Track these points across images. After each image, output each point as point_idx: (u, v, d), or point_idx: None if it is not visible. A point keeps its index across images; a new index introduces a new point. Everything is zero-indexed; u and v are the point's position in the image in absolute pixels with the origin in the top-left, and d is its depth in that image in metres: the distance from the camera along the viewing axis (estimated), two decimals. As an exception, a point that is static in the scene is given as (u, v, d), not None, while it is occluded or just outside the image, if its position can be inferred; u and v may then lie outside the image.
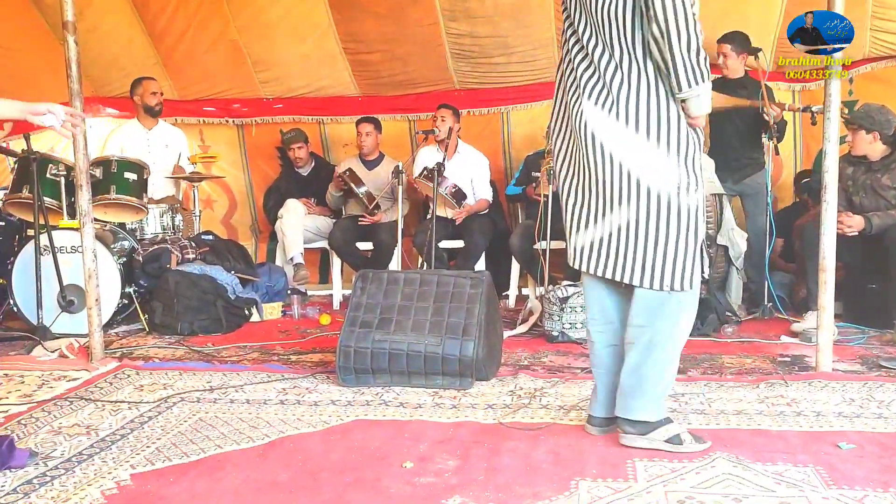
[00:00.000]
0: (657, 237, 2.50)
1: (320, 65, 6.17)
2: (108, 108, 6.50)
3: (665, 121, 2.45)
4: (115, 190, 4.94)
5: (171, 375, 3.71)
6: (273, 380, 3.59)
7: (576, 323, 4.28)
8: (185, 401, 3.28)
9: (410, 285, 3.65)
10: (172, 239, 5.13)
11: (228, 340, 4.55)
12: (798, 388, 3.30)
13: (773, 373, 3.57)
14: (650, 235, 2.51)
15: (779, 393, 3.24)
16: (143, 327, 4.82)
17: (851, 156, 4.62)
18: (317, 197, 6.18)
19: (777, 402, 3.11)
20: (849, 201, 4.58)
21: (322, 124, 6.56)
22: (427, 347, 3.40)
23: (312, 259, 6.41)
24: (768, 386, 3.34)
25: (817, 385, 3.34)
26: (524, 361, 3.93)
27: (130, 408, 3.19)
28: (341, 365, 3.46)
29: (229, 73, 6.30)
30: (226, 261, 5.17)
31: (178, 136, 5.92)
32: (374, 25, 5.80)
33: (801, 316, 4.62)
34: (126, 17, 5.90)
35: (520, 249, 5.41)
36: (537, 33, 5.71)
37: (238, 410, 3.16)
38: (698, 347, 4.12)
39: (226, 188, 6.74)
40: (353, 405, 3.20)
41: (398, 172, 5.13)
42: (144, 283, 4.93)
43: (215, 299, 4.81)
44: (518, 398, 3.26)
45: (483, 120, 6.26)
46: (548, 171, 4.87)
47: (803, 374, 3.53)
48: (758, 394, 3.24)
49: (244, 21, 5.93)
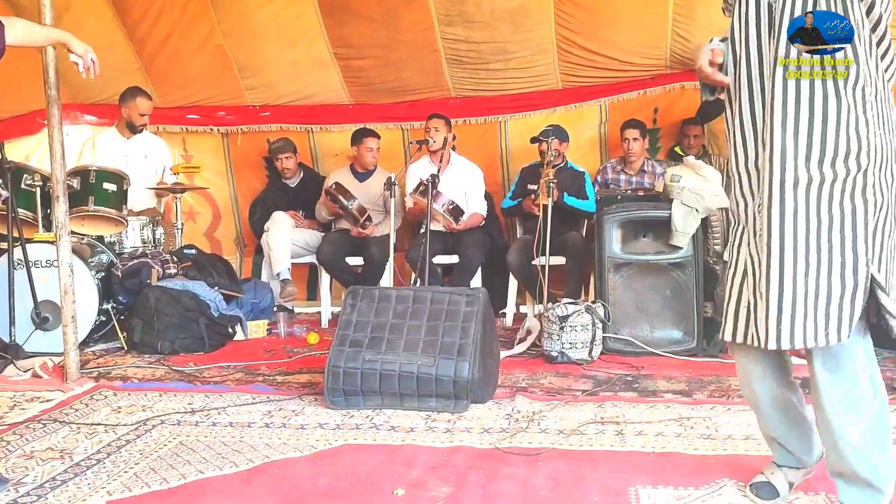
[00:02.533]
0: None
1: (310, 71, 6.19)
2: (87, 115, 6.54)
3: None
4: (93, 201, 4.94)
5: (151, 397, 3.70)
6: (258, 402, 3.59)
7: (576, 343, 4.29)
8: (165, 423, 3.27)
9: (403, 302, 3.65)
10: (153, 253, 5.12)
11: (211, 360, 4.54)
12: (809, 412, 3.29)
13: (783, 396, 3.57)
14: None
15: (789, 417, 3.24)
16: (122, 346, 4.81)
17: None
18: (305, 209, 6.19)
19: (787, 427, 3.11)
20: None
21: (311, 133, 6.58)
22: (420, 368, 3.39)
23: (300, 275, 6.41)
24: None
25: (829, 408, 3.33)
26: (522, 383, 3.93)
27: (107, 431, 3.18)
28: (330, 386, 3.45)
29: (214, 80, 6.32)
30: (209, 276, 5.17)
31: (158, 146, 5.93)
32: (367, 30, 5.83)
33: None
34: (107, 21, 5.93)
35: (517, 265, 5.42)
36: (537, 38, 5.75)
37: (221, 434, 3.15)
38: (705, 369, 4.12)
39: (209, 200, 6.74)
40: (342, 429, 3.20)
41: (391, 184, 5.14)
42: (123, 299, 4.92)
43: (197, 316, 4.80)
44: (515, 422, 3.25)
45: (479, 129, 6.28)
46: (546, 184, 4.89)
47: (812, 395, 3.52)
48: (767, 418, 3.23)
49: (230, 25, 5.95)
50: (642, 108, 6.01)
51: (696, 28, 5.49)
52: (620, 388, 3.79)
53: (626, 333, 4.55)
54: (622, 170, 5.79)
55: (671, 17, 5.49)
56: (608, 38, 5.73)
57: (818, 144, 1.99)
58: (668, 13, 5.48)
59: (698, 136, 5.87)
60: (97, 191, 4.97)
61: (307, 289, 6.62)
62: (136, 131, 5.75)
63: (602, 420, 3.25)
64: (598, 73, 5.97)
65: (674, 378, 3.97)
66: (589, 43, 5.74)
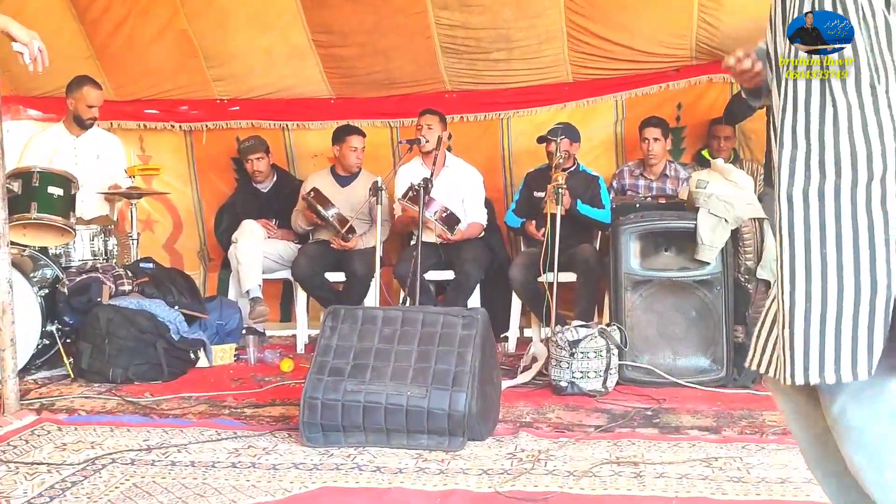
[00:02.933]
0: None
1: (286, 60, 6.21)
2: (31, 109, 6.54)
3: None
4: (36, 208, 4.93)
5: (101, 432, 3.68)
6: (224, 438, 3.57)
7: (588, 371, 4.29)
8: (116, 463, 3.26)
9: (390, 325, 3.65)
10: (104, 267, 5.11)
11: (170, 390, 4.53)
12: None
13: (825, 433, 3.57)
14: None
15: (831, 457, 3.24)
16: (68, 373, 4.79)
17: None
18: (279, 218, 6.19)
19: (829, 469, 3.11)
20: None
21: (287, 131, 6.59)
22: (410, 400, 3.39)
23: (273, 292, 6.41)
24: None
25: (877, 448, 3.34)
26: (526, 417, 3.92)
27: (50, 471, 3.16)
28: (306, 421, 3.44)
29: (176, 69, 6.34)
30: (168, 294, 5.17)
31: (112, 144, 5.93)
32: (351, 14, 5.85)
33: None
34: (54, 2, 5.94)
35: (521, 282, 5.43)
36: (543, 25, 5.77)
37: (181, 475, 3.13)
38: (735, 402, 4.12)
39: (170, 206, 6.74)
40: (320, 469, 3.19)
41: (377, 189, 5.14)
42: (70, 319, 4.91)
43: (155, 340, 4.79)
44: (519, 462, 3.25)
45: (479, 127, 6.30)
46: (555, 189, 4.90)
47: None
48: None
49: (195, 7, 5.97)
50: (664, 105, 6.03)
51: (725, 14, 5.50)
52: (639, 424, 3.78)
53: (645, 361, 4.54)
54: (641, 174, 5.81)
55: (697, 1, 5.51)
56: (625, 25, 5.75)
57: (816, 150, 1.99)
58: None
59: (729, 137, 5.87)
60: (41, 195, 4.97)
61: (280, 309, 6.62)
62: (85, 126, 5.75)
63: (618, 460, 3.24)
64: (613, 65, 5.99)
65: (700, 412, 3.97)
66: (603, 30, 5.76)
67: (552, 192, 4.94)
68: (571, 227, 5.28)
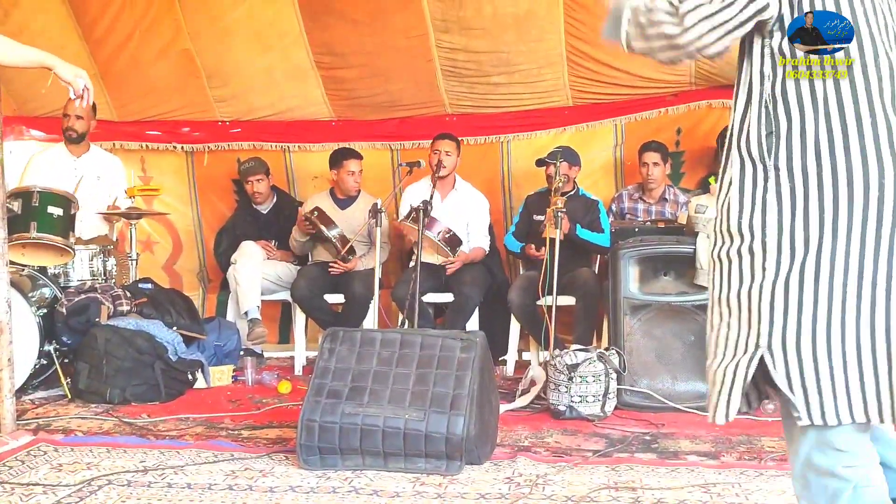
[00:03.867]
0: None
1: (287, 81, 6.23)
2: (33, 129, 6.55)
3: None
4: (35, 227, 4.93)
5: (97, 453, 3.67)
6: (221, 460, 3.56)
7: (587, 396, 4.28)
8: (112, 484, 3.24)
9: (389, 347, 3.65)
10: (103, 287, 5.11)
11: (168, 411, 4.52)
12: (853, 479, 3.28)
13: (824, 459, 3.56)
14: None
15: (830, 484, 3.23)
16: (65, 393, 4.78)
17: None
18: (278, 239, 6.19)
19: (828, 496, 3.10)
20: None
21: (287, 152, 6.60)
22: (408, 423, 3.38)
23: (271, 314, 6.40)
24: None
25: (876, 475, 3.33)
26: (525, 441, 3.91)
27: (46, 492, 3.15)
28: (303, 443, 3.43)
29: (179, 89, 6.36)
30: (167, 314, 5.16)
31: (113, 165, 5.95)
32: (353, 35, 5.88)
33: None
34: (59, 19, 5.96)
35: (520, 305, 5.42)
36: (544, 49, 5.80)
37: (177, 497, 3.12)
38: (734, 428, 4.10)
39: (170, 227, 6.75)
40: (317, 492, 3.17)
41: (377, 211, 5.15)
42: (68, 339, 4.90)
43: (153, 361, 4.78)
44: (517, 486, 3.24)
45: (479, 151, 6.31)
46: (554, 213, 4.91)
47: (859, 461, 3.52)
48: (805, 485, 3.22)
49: (198, 26, 6.00)
50: (663, 129, 6.05)
51: (725, 40, 5.53)
52: (637, 449, 3.77)
53: (644, 385, 4.54)
54: (640, 198, 5.82)
55: (696, 27, 5.53)
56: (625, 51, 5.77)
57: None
58: (693, 23, 5.53)
59: None
60: (40, 215, 4.97)
61: (279, 330, 6.60)
62: (75, 140, 5.76)
63: (616, 485, 3.23)
64: (613, 90, 6.02)
65: (698, 437, 3.96)
66: (603, 55, 5.79)
67: (551, 216, 4.95)
68: (570, 250, 5.28)
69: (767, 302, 1.89)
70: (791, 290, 1.87)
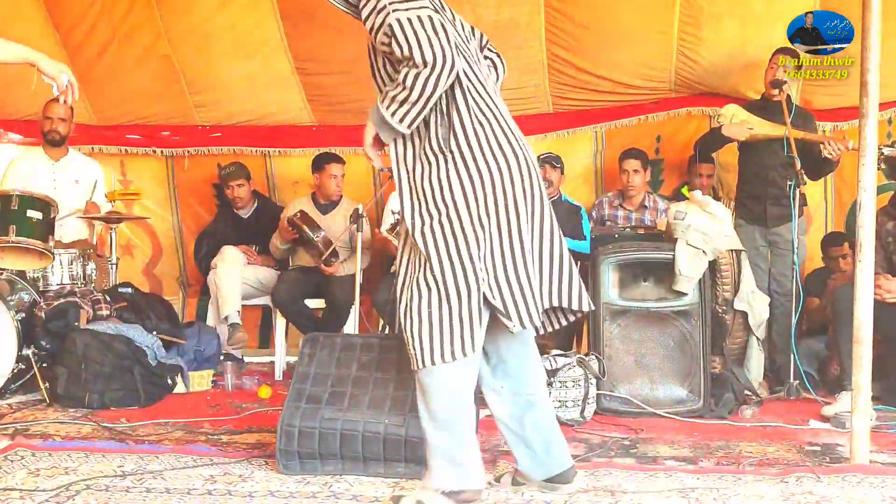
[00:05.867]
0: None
1: (268, 87, 6.23)
2: (11, 132, 6.50)
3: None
4: (14, 231, 4.89)
5: (75, 458, 3.64)
6: (200, 465, 3.54)
7: (566, 401, 4.28)
8: (91, 489, 3.22)
9: (369, 352, 3.63)
10: (82, 291, 5.09)
11: (147, 416, 4.49)
12: (830, 484, 3.30)
13: (801, 464, 3.58)
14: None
15: (807, 489, 3.24)
16: (43, 398, 4.75)
17: (892, 208, 4.71)
18: (259, 244, 6.18)
19: (805, 500, 3.12)
20: (888, 261, 4.66)
21: (268, 157, 6.60)
22: (387, 428, 3.37)
23: (251, 318, 6.38)
24: (796, 480, 3.34)
25: (852, 480, 3.34)
26: (504, 446, 3.90)
27: (23, 497, 3.12)
28: (283, 448, 3.42)
29: (158, 95, 6.34)
30: (146, 319, 5.14)
31: (92, 169, 5.93)
32: (335, 42, 5.87)
33: (833, 396, 4.65)
34: (37, 26, 5.93)
35: (501, 311, 5.41)
36: (525, 57, 5.81)
37: (156, 501, 3.10)
38: (712, 432, 4.13)
39: (150, 232, 6.72)
40: (296, 497, 3.16)
41: (358, 216, 5.15)
42: (46, 344, 4.87)
43: (132, 365, 4.76)
44: (496, 491, 3.23)
45: (459, 157, 6.30)
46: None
47: (835, 466, 3.54)
48: (782, 490, 3.23)
49: (179, 33, 5.99)
50: (643, 136, 6.08)
51: (704, 49, 5.59)
52: (616, 454, 3.78)
53: (623, 391, 4.55)
54: (620, 205, 5.84)
55: (676, 35, 5.58)
56: (605, 58, 5.81)
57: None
58: (672, 31, 5.57)
59: (711, 175, 5.90)
60: (20, 219, 4.93)
61: (259, 335, 6.59)
62: (55, 144, 5.73)
63: (594, 490, 3.23)
64: (593, 97, 6.05)
65: (677, 443, 3.96)
66: (584, 62, 5.82)
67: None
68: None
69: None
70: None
